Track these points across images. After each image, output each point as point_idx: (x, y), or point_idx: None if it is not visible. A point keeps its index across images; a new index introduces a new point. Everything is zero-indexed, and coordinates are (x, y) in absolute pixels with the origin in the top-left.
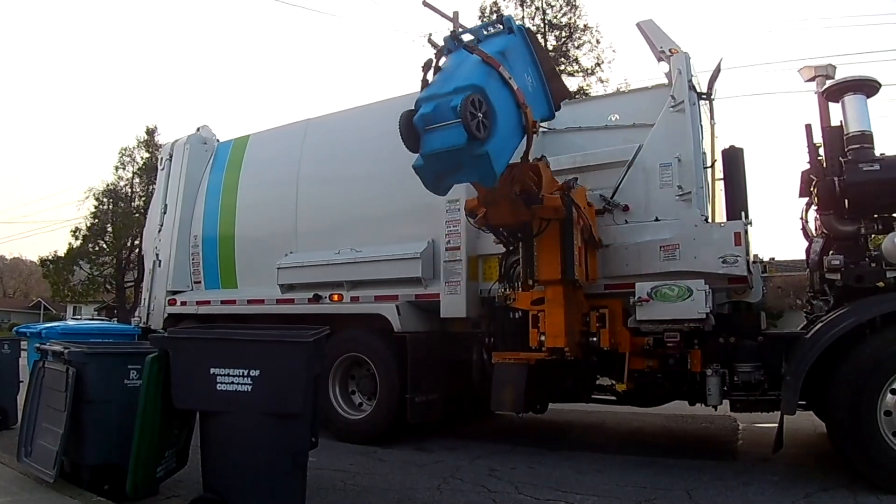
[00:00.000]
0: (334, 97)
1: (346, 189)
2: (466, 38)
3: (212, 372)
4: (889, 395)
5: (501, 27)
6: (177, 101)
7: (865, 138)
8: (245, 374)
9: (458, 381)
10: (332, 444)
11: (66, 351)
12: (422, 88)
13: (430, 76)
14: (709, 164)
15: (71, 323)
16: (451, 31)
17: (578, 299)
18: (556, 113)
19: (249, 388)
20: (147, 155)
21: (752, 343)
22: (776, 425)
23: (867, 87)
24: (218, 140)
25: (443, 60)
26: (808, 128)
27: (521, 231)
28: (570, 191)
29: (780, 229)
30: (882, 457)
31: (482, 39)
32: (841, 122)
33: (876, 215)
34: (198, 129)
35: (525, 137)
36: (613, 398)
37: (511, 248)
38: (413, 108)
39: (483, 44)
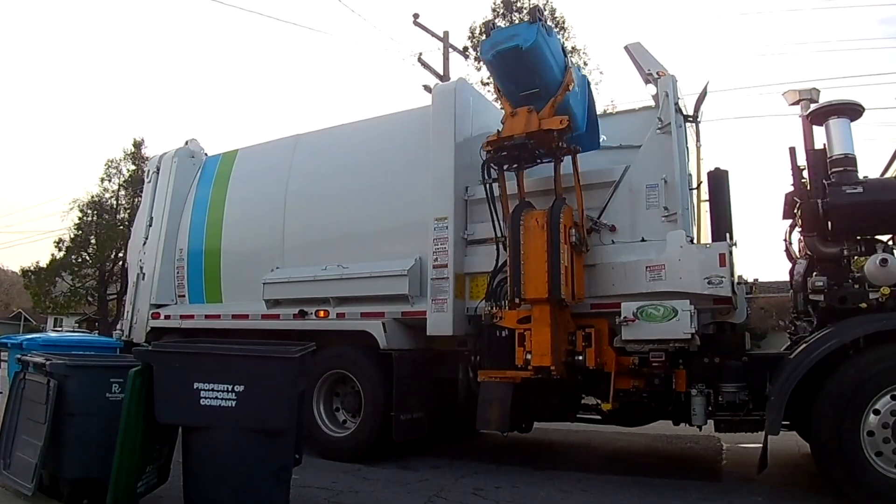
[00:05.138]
0: (324, 113)
1: (335, 205)
2: None
3: (195, 386)
4: (872, 416)
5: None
6: (165, 115)
7: (849, 161)
8: (229, 389)
9: (443, 400)
10: (315, 462)
11: (48, 363)
12: None
13: None
14: (694, 185)
15: (53, 335)
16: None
17: (565, 318)
18: None
19: (234, 403)
20: (133, 167)
21: (736, 363)
22: (760, 445)
23: (851, 110)
24: (206, 154)
25: None
26: (793, 151)
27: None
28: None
29: (763, 251)
30: (865, 477)
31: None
32: (825, 145)
33: (859, 237)
34: (186, 143)
35: (560, 89)
36: (598, 417)
37: (492, 180)
38: None
39: None
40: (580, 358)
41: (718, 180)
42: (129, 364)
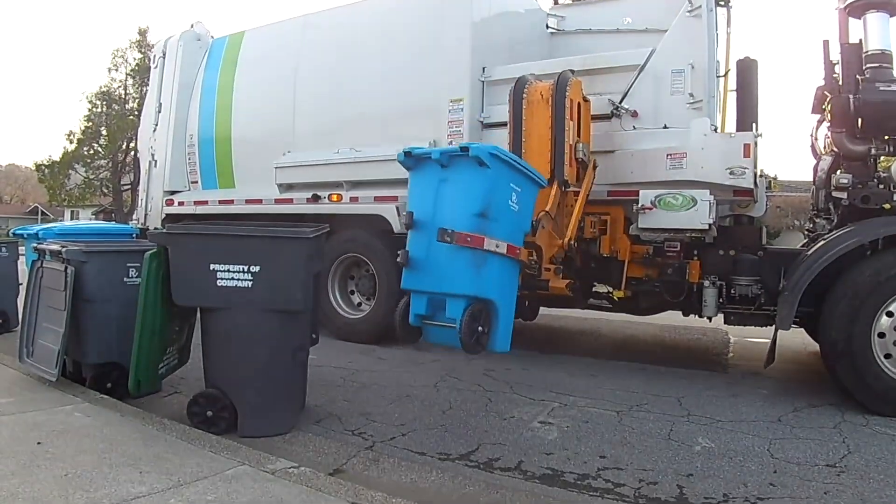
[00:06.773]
0: None
1: (345, 87)
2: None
3: (212, 268)
4: (885, 318)
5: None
6: (169, 1)
7: (885, 58)
8: (245, 269)
9: None
10: (331, 343)
11: (64, 249)
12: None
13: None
14: (722, 73)
15: (68, 224)
16: (405, 152)
17: (568, 202)
18: (567, 14)
19: (250, 283)
20: (140, 56)
21: (751, 257)
22: (767, 341)
23: (891, 5)
24: (212, 37)
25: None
26: (826, 44)
27: None
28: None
29: (783, 150)
30: (872, 378)
31: (446, 164)
32: (860, 39)
33: (888, 137)
34: (191, 26)
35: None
36: (609, 305)
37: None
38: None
39: (449, 169)
40: (594, 245)
41: (747, 69)
42: (144, 248)
